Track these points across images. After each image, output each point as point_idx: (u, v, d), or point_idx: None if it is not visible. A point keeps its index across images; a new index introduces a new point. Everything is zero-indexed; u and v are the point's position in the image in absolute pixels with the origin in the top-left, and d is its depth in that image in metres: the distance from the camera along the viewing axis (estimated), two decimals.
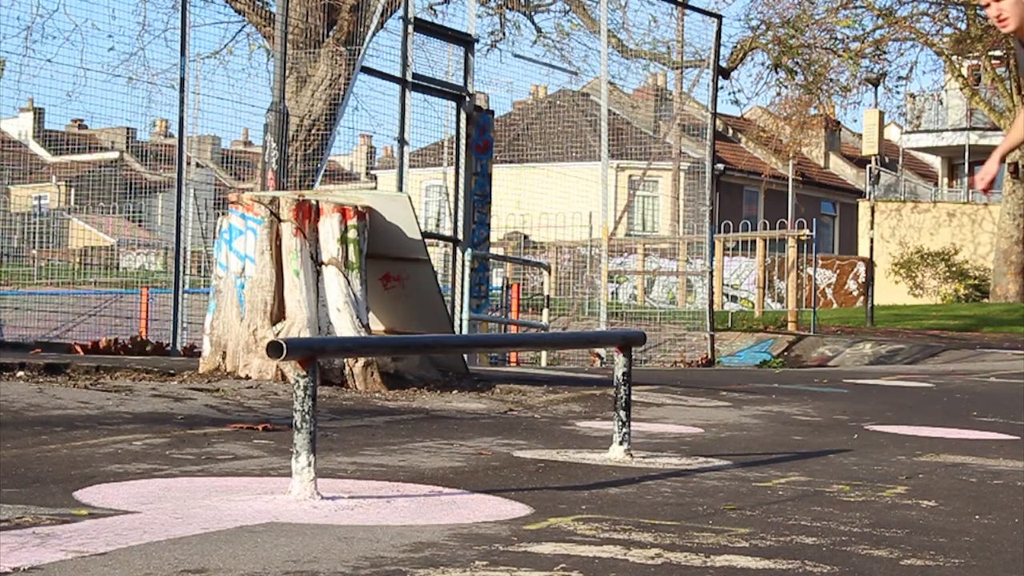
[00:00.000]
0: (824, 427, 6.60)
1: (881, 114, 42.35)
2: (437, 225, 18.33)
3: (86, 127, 39.62)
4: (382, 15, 13.61)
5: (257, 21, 17.61)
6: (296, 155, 14.61)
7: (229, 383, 6.88)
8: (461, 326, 12.24)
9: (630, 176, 34.03)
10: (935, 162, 48.27)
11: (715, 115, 16.98)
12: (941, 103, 43.93)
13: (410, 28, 12.09)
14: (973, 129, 43.05)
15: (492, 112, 14.32)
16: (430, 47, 13.10)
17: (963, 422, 7.15)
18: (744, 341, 19.85)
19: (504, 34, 21.71)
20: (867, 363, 18.13)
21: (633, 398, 4.89)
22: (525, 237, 26.24)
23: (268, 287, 7.24)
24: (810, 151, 49.63)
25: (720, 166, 36.35)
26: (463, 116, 12.84)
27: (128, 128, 40.58)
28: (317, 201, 7.47)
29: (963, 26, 32.36)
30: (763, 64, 27.45)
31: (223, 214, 7.77)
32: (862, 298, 32.10)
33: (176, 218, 11.71)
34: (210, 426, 5.17)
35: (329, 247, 7.37)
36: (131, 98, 29.54)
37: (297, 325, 7.17)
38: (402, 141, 11.92)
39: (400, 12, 12.37)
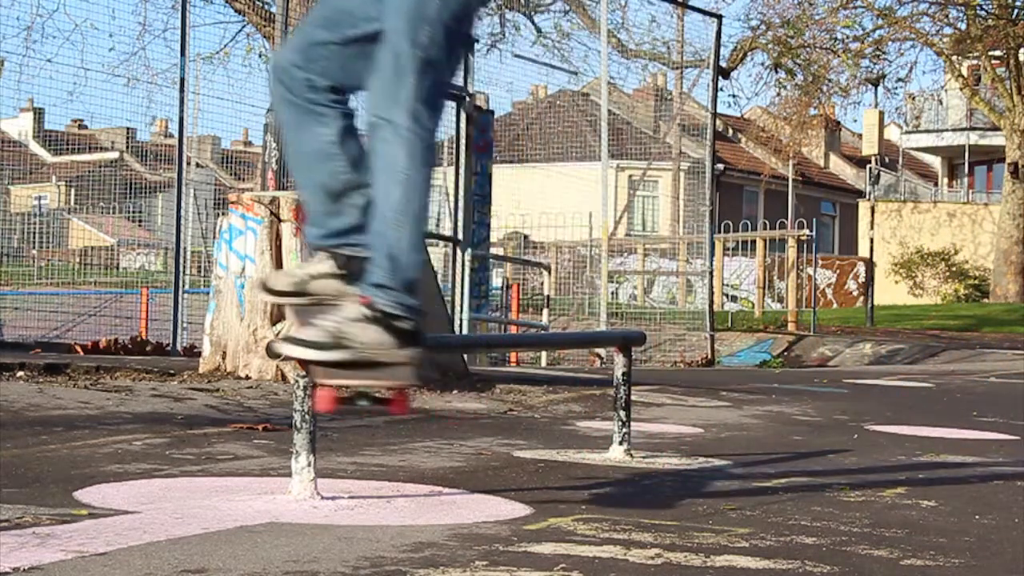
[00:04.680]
0: (824, 427, 6.60)
1: (881, 114, 42.43)
2: (437, 225, 18.30)
3: (86, 127, 39.63)
4: None
5: (257, 21, 17.62)
6: None
7: (229, 383, 6.88)
8: (461, 326, 12.24)
9: (630, 176, 34.06)
10: (935, 162, 48.28)
11: (715, 115, 16.98)
12: (941, 103, 43.95)
13: None
14: (973, 129, 43.08)
15: (492, 112, 14.32)
16: None
17: (963, 422, 7.15)
18: (744, 341, 19.85)
19: (504, 34, 21.71)
20: (867, 363, 18.14)
21: (633, 398, 4.89)
22: (525, 237, 26.24)
23: None
24: (810, 151, 49.65)
25: (720, 166, 36.37)
26: (463, 116, 12.84)
27: (128, 128, 40.59)
28: None
29: (963, 26, 32.39)
30: (763, 64, 27.47)
31: (223, 214, 7.77)
32: (862, 298, 32.11)
33: (176, 218, 11.72)
34: (210, 426, 5.17)
35: None
36: (131, 98, 29.56)
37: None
38: None
39: None
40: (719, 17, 17.10)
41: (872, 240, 28.37)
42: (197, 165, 17.12)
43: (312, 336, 3.21)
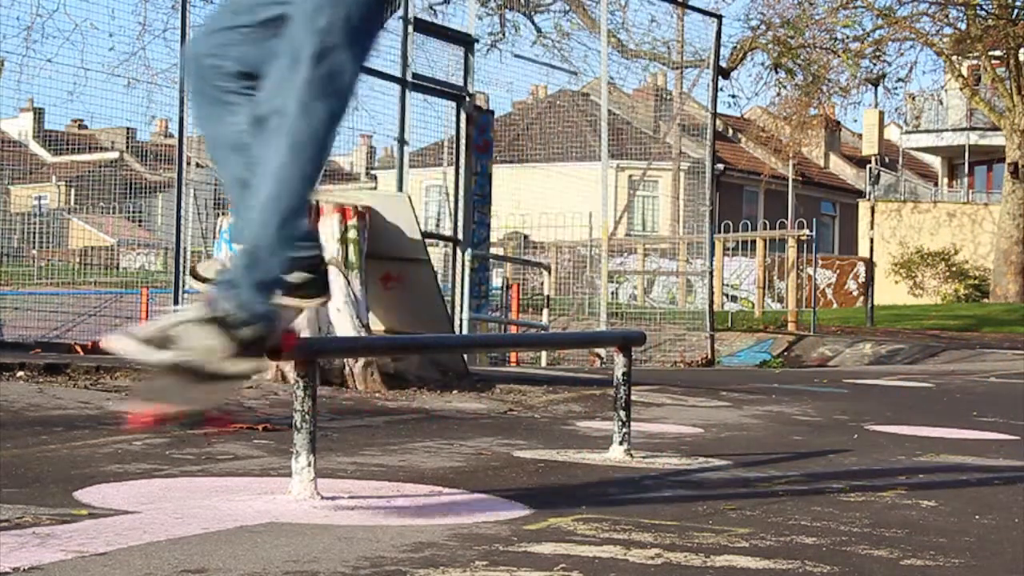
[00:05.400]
0: (824, 427, 6.60)
1: (881, 114, 42.42)
2: (437, 225, 18.31)
3: (86, 127, 39.62)
4: None
5: None
6: None
7: None
8: (461, 326, 12.24)
9: (630, 176, 34.05)
10: (935, 162, 48.28)
11: (715, 115, 16.98)
12: (941, 103, 43.94)
13: (410, 28, 12.09)
14: (973, 129, 43.07)
15: (492, 112, 14.33)
16: (430, 47, 13.11)
17: (963, 422, 7.16)
18: (744, 341, 19.86)
19: (504, 34, 21.72)
20: (867, 363, 18.14)
21: (633, 398, 4.89)
22: (525, 237, 26.25)
23: None
24: (810, 151, 49.65)
25: (720, 166, 36.38)
26: (463, 116, 12.84)
27: (128, 128, 40.59)
28: (317, 201, 7.47)
29: (963, 26, 32.39)
30: (763, 64, 27.48)
31: (223, 214, 7.77)
32: (862, 298, 32.11)
33: (176, 218, 11.71)
34: (210, 426, 5.17)
35: (329, 247, 7.36)
36: (131, 98, 29.53)
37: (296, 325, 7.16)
38: (402, 141, 11.92)
39: (400, 12, 12.38)
40: (719, 17, 17.10)
41: (872, 240, 28.38)
42: (197, 165, 17.14)
43: (143, 332, 2.88)
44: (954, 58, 33.45)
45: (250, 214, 2.94)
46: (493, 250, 15.59)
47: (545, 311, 15.46)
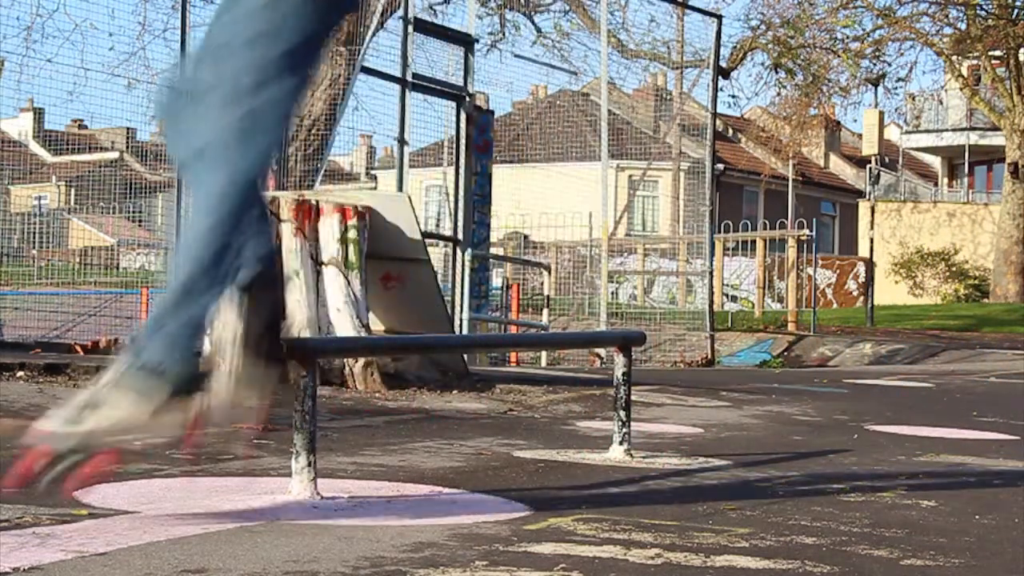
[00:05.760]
0: (824, 427, 6.60)
1: (881, 114, 42.43)
2: (437, 225, 18.31)
3: (86, 127, 39.60)
4: (382, 15, 13.62)
5: None
6: (296, 155, 14.61)
7: None
8: (461, 326, 12.24)
9: (630, 176, 34.05)
10: (935, 162, 48.28)
11: (715, 115, 16.98)
12: (941, 103, 43.94)
13: (410, 28, 12.09)
14: (973, 129, 43.08)
15: (492, 112, 14.33)
16: (430, 47, 13.12)
17: (963, 422, 7.16)
18: (744, 341, 19.85)
19: (504, 34, 21.70)
20: (867, 363, 18.13)
21: (633, 398, 4.89)
22: (525, 237, 26.24)
23: None
24: (810, 151, 49.65)
25: (720, 166, 36.37)
26: (463, 116, 12.84)
27: (128, 128, 40.56)
28: (317, 201, 7.47)
29: (963, 26, 32.41)
30: (763, 64, 27.49)
31: None
32: (862, 298, 32.11)
33: (176, 218, 11.71)
34: (210, 426, 5.16)
35: (329, 247, 7.37)
36: (131, 98, 29.50)
37: (297, 325, 7.17)
38: (402, 141, 11.92)
39: (400, 12, 12.38)
40: (719, 17, 17.10)
41: (872, 240, 28.38)
42: None
43: (65, 410, 2.80)
44: (954, 58, 33.47)
45: (183, 246, 2.82)
46: (493, 250, 15.59)
47: (545, 311, 15.47)
